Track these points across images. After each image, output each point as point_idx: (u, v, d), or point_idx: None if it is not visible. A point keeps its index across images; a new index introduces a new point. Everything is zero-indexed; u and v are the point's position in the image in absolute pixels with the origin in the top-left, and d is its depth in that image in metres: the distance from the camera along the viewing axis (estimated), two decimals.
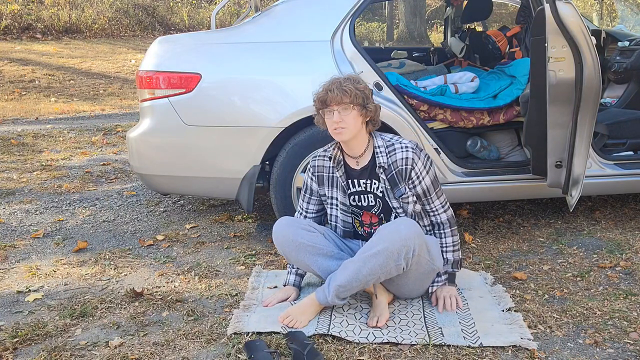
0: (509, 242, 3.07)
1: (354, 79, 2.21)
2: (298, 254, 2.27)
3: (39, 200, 3.96)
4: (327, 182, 2.37)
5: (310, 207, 2.46)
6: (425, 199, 2.31)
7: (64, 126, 6.80)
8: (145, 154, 3.01)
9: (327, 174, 2.36)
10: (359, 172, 2.31)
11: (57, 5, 12.84)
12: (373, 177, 2.30)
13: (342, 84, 2.17)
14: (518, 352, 2.01)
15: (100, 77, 10.14)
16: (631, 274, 2.64)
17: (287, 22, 3.00)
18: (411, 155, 2.23)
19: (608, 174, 3.08)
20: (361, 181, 2.32)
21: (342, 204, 2.37)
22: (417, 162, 2.24)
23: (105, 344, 2.11)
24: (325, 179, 2.37)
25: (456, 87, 3.30)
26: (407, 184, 2.26)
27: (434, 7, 19.57)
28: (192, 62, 2.90)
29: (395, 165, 2.24)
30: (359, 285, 2.15)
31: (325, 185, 2.38)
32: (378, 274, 2.12)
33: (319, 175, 2.38)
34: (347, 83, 2.17)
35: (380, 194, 2.31)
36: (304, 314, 2.17)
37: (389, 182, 2.27)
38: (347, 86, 2.16)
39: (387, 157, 2.25)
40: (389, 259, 2.09)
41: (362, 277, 2.12)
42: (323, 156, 2.37)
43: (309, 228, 2.30)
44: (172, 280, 2.66)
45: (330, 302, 2.18)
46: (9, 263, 2.92)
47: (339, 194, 2.36)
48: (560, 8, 2.59)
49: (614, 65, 3.87)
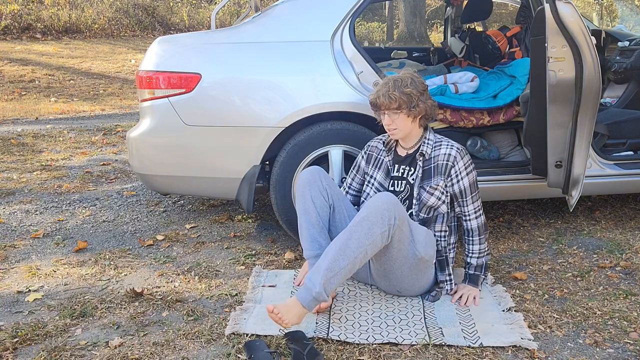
0: (509, 242, 3.08)
1: (404, 81, 2.33)
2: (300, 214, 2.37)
3: (39, 200, 3.96)
4: (374, 162, 2.53)
5: (353, 184, 2.60)
6: (461, 199, 2.39)
7: (64, 126, 6.80)
8: (145, 154, 3.01)
9: (377, 155, 2.53)
10: (403, 158, 2.46)
11: (57, 5, 12.85)
12: (412, 164, 2.43)
13: (390, 90, 2.31)
14: (518, 352, 2.01)
15: (100, 77, 10.14)
16: (631, 274, 2.64)
17: (287, 22, 3.00)
18: (454, 153, 2.35)
19: (608, 174, 3.08)
20: (402, 167, 2.46)
21: (380, 184, 2.48)
22: (458, 161, 2.35)
23: (105, 344, 2.11)
24: (373, 158, 2.54)
25: (456, 87, 3.30)
26: (445, 180, 2.36)
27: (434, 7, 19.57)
28: (192, 62, 2.90)
29: (437, 159, 2.37)
30: (347, 265, 2.08)
31: (371, 164, 2.54)
32: (365, 245, 2.09)
33: (369, 153, 2.55)
34: (394, 89, 2.31)
35: (412, 181, 2.42)
36: (289, 313, 2.06)
37: (424, 172, 2.39)
38: (393, 94, 2.30)
39: (431, 150, 2.39)
40: (373, 225, 2.10)
41: (350, 251, 2.08)
42: (380, 139, 2.55)
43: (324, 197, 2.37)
44: (172, 280, 2.66)
45: (317, 295, 2.06)
46: (9, 263, 2.92)
47: (379, 174, 2.49)
48: (560, 8, 2.59)
49: (614, 65, 3.87)
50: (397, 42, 15.58)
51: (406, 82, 2.33)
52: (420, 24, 15.75)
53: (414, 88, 2.33)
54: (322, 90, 2.84)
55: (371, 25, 18.00)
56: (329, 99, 2.83)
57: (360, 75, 2.88)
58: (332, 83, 2.85)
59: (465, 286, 2.41)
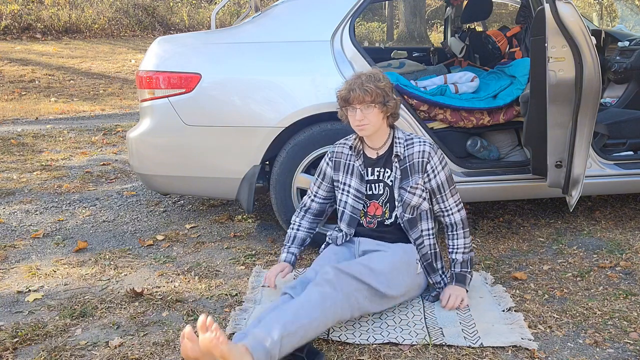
0: (509, 242, 3.07)
1: (375, 76, 2.29)
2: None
3: (39, 200, 3.96)
4: (343, 168, 2.43)
5: (319, 192, 2.52)
6: (440, 195, 2.36)
7: (64, 126, 6.80)
8: (145, 154, 3.01)
9: (345, 161, 2.43)
10: (375, 161, 2.38)
11: (57, 5, 12.85)
12: (387, 165, 2.37)
13: (364, 83, 2.25)
14: (518, 352, 2.01)
15: (100, 77, 10.14)
16: (631, 274, 2.64)
17: (287, 22, 3.00)
18: (428, 149, 2.32)
19: (608, 174, 3.08)
20: (376, 169, 2.38)
21: (356, 190, 2.39)
22: (433, 156, 2.32)
23: (105, 344, 2.11)
24: (342, 165, 2.44)
25: (456, 87, 3.30)
26: (422, 177, 2.33)
27: (434, 7, 19.57)
28: (192, 62, 2.90)
29: (412, 157, 2.33)
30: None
31: (340, 172, 2.44)
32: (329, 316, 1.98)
33: (336, 160, 2.45)
34: (368, 82, 2.25)
35: (390, 183, 2.36)
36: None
37: (401, 173, 2.34)
38: (368, 86, 2.24)
39: (404, 149, 2.34)
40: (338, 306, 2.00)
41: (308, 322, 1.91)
42: (344, 144, 2.46)
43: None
44: (172, 280, 2.66)
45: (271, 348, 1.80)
46: (9, 263, 2.92)
47: (353, 181, 2.40)
48: (560, 8, 2.59)
49: (614, 65, 3.87)
50: (397, 42, 15.58)
51: (378, 77, 2.30)
52: (420, 24, 15.76)
53: (386, 84, 2.30)
54: (322, 91, 2.84)
55: (371, 25, 18.01)
56: (329, 99, 2.83)
57: None
58: (332, 83, 2.84)
59: (452, 287, 2.34)
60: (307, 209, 2.54)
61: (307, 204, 2.55)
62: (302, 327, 1.87)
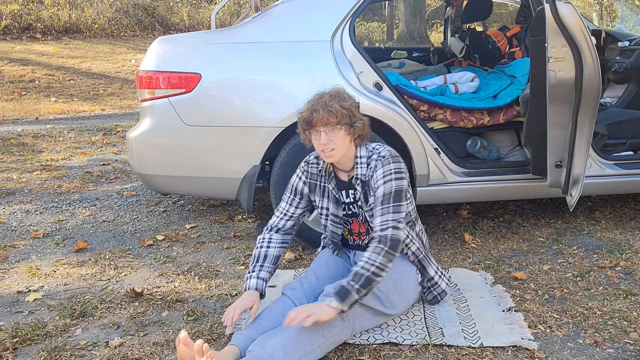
0: (509, 242, 3.07)
1: (340, 96, 2.07)
2: None
3: (39, 200, 3.96)
4: (319, 191, 2.26)
5: (291, 210, 2.27)
6: (373, 207, 2.09)
7: (64, 126, 6.80)
8: (145, 154, 3.01)
9: (319, 183, 2.25)
10: (348, 184, 2.20)
11: (57, 5, 12.85)
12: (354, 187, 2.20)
13: (328, 103, 2.03)
14: (518, 352, 2.01)
15: (100, 77, 10.14)
16: (631, 274, 2.64)
17: (287, 22, 3.00)
18: (374, 164, 2.10)
19: (608, 174, 3.08)
20: (349, 191, 2.21)
21: (334, 215, 2.25)
22: (378, 169, 2.08)
23: (105, 344, 2.11)
24: (317, 187, 2.26)
25: (456, 87, 3.30)
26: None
27: (434, 7, 19.57)
28: (192, 62, 2.90)
29: (369, 175, 2.13)
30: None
31: (317, 194, 2.27)
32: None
33: (311, 182, 2.27)
34: (332, 102, 2.03)
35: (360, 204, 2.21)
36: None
37: (364, 195, 2.16)
38: (332, 106, 2.02)
39: (366, 168, 2.13)
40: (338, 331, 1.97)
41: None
42: (316, 164, 2.26)
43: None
44: (172, 280, 2.66)
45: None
46: (9, 263, 2.92)
47: (330, 204, 2.24)
48: (560, 8, 2.59)
49: (614, 65, 3.87)
50: (397, 42, 15.58)
51: (343, 95, 2.08)
52: (420, 24, 15.75)
53: (352, 103, 2.08)
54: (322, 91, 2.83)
55: (371, 25, 18.01)
56: None
57: (360, 75, 2.88)
58: (332, 83, 2.83)
59: (318, 304, 1.92)
60: (278, 228, 2.28)
61: (278, 223, 2.28)
62: (304, 355, 1.87)
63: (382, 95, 2.90)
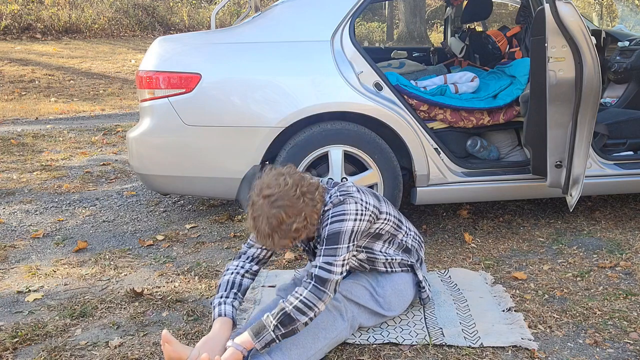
0: (509, 242, 3.07)
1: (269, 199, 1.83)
2: None
3: (39, 200, 3.96)
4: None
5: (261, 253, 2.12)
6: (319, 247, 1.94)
7: (64, 126, 6.80)
8: (145, 154, 3.01)
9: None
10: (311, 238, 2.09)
11: (57, 5, 12.86)
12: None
13: (257, 225, 1.83)
14: (518, 352, 2.01)
15: (100, 77, 10.14)
16: (631, 274, 2.64)
17: (287, 22, 3.00)
18: (328, 206, 1.95)
19: (608, 174, 3.08)
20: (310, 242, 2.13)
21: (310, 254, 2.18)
22: (329, 209, 1.94)
23: (105, 344, 2.11)
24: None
25: (456, 87, 3.30)
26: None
27: (434, 7, 19.57)
28: (192, 62, 2.90)
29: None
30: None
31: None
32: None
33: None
34: (260, 222, 1.82)
35: None
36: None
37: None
38: (261, 229, 1.82)
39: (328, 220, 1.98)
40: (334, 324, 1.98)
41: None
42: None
43: None
44: (172, 280, 2.66)
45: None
46: (9, 263, 2.92)
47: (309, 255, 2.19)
48: (560, 8, 2.59)
49: (614, 65, 3.88)
50: (397, 42, 15.59)
51: (272, 198, 1.82)
52: (420, 24, 15.76)
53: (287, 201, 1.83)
54: (322, 91, 2.84)
55: (371, 25, 18.02)
56: (328, 99, 2.83)
57: (360, 75, 2.88)
58: (332, 83, 2.85)
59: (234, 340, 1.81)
60: (259, 260, 2.12)
61: (259, 254, 2.11)
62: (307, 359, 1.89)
63: (382, 95, 2.90)
